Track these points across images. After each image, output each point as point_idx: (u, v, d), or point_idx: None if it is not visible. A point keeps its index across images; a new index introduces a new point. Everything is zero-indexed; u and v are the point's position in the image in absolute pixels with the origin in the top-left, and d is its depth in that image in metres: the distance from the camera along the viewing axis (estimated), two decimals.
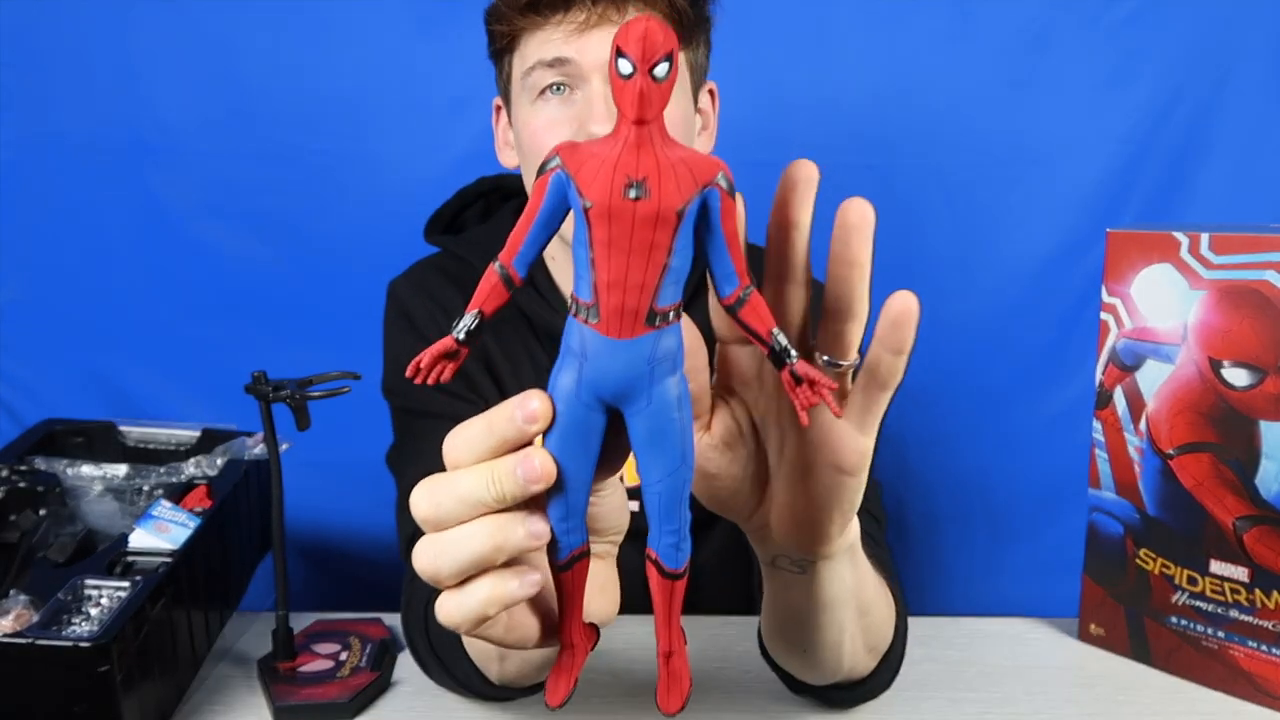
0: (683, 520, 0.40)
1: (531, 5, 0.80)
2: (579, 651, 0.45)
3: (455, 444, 0.39)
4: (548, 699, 0.44)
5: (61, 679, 0.63)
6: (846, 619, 0.59)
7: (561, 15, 0.79)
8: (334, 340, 1.26)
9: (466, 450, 0.39)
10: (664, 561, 0.41)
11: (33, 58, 1.27)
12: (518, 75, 0.84)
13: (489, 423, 0.38)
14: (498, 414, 0.38)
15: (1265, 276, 0.73)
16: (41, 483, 0.84)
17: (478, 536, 0.38)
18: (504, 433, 0.38)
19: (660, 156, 0.35)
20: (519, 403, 0.37)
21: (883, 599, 0.66)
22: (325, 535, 1.32)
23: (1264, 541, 0.75)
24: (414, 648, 0.76)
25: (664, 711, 0.43)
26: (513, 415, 0.37)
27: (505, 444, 0.38)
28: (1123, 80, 1.28)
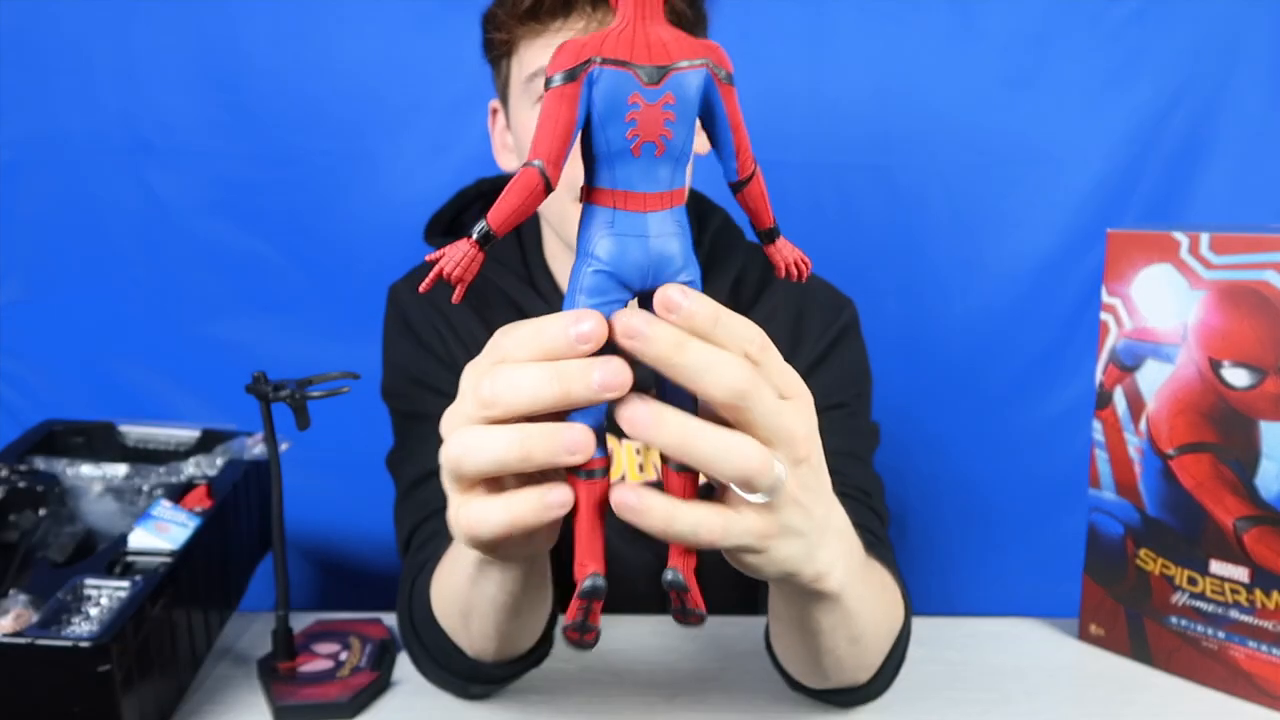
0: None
1: (531, 13, 0.79)
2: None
3: (509, 339, 0.40)
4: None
5: (61, 679, 0.63)
6: (839, 641, 0.60)
7: (561, 22, 0.79)
8: (334, 340, 1.26)
9: (515, 348, 0.40)
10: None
11: (33, 58, 1.27)
12: (518, 80, 0.84)
13: (538, 329, 0.39)
14: (549, 325, 0.39)
15: (1265, 277, 0.73)
16: (41, 483, 0.84)
17: (541, 381, 0.39)
18: (552, 345, 0.39)
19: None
20: (574, 320, 0.38)
21: (883, 615, 0.66)
22: (325, 535, 1.32)
23: (1264, 542, 0.75)
24: (404, 637, 0.77)
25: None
26: (565, 331, 0.38)
27: (551, 354, 0.39)
28: (1123, 80, 1.28)
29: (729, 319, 0.40)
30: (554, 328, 0.39)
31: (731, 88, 0.39)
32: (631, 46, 0.38)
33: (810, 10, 1.27)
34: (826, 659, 0.62)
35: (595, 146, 0.39)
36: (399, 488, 0.89)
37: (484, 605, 0.62)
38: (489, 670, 0.72)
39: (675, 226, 0.40)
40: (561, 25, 0.79)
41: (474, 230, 0.39)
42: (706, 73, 0.38)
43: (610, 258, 0.39)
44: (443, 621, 0.69)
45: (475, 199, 1.02)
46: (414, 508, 0.84)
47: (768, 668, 0.75)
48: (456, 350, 0.91)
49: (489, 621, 0.64)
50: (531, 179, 0.38)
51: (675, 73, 0.38)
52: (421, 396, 0.90)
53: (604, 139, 0.38)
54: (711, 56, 0.39)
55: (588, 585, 0.41)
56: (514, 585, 0.58)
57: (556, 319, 0.39)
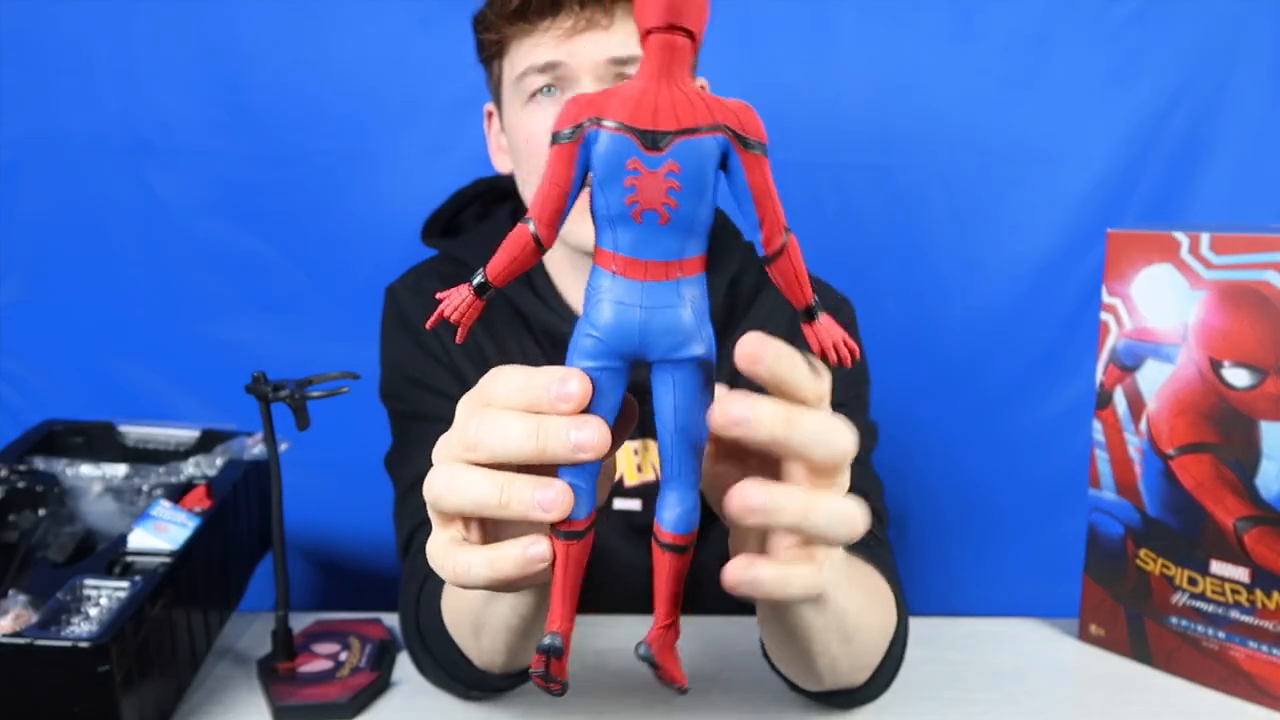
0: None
1: (519, 13, 0.80)
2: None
3: (496, 385, 0.41)
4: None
5: (61, 679, 0.63)
6: (830, 642, 0.59)
7: (550, 21, 0.80)
8: (334, 340, 1.26)
9: (503, 396, 0.41)
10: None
11: (33, 58, 1.27)
12: (509, 80, 0.84)
13: (526, 381, 0.40)
14: (535, 379, 0.39)
15: (1265, 277, 0.73)
16: (41, 483, 0.84)
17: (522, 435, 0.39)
18: (536, 399, 0.39)
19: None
20: (560, 379, 0.38)
21: (875, 614, 0.66)
22: (325, 535, 1.32)
23: (1264, 542, 0.75)
24: (407, 640, 0.77)
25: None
26: (548, 388, 0.39)
27: (534, 406, 0.39)
28: (1123, 80, 1.28)
29: (801, 370, 0.39)
30: (540, 382, 0.39)
31: (759, 157, 0.36)
32: (637, 108, 0.35)
33: (810, 10, 1.27)
34: (820, 660, 0.62)
35: (595, 207, 0.37)
36: (398, 488, 0.89)
37: (497, 624, 0.62)
38: (495, 680, 0.72)
39: (678, 298, 0.37)
40: (550, 24, 0.80)
41: (473, 278, 0.39)
42: (724, 139, 0.36)
43: (602, 324, 0.38)
44: (453, 632, 0.69)
45: (472, 199, 1.02)
46: (414, 509, 0.84)
47: (768, 668, 0.75)
48: (455, 351, 0.91)
49: (500, 639, 0.64)
50: (523, 237, 0.38)
51: (681, 139, 0.35)
52: (420, 397, 0.90)
53: (603, 201, 0.37)
54: (734, 122, 0.36)
55: (544, 643, 0.41)
56: (526, 609, 0.58)
57: (545, 374, 0.39)
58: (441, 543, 0.44)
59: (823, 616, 0.55)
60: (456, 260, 0.96)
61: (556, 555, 0.41)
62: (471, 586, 0.43)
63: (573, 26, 0.79)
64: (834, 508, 0.40)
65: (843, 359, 0.39)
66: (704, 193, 0.36)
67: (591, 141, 0.36)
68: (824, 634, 0.58)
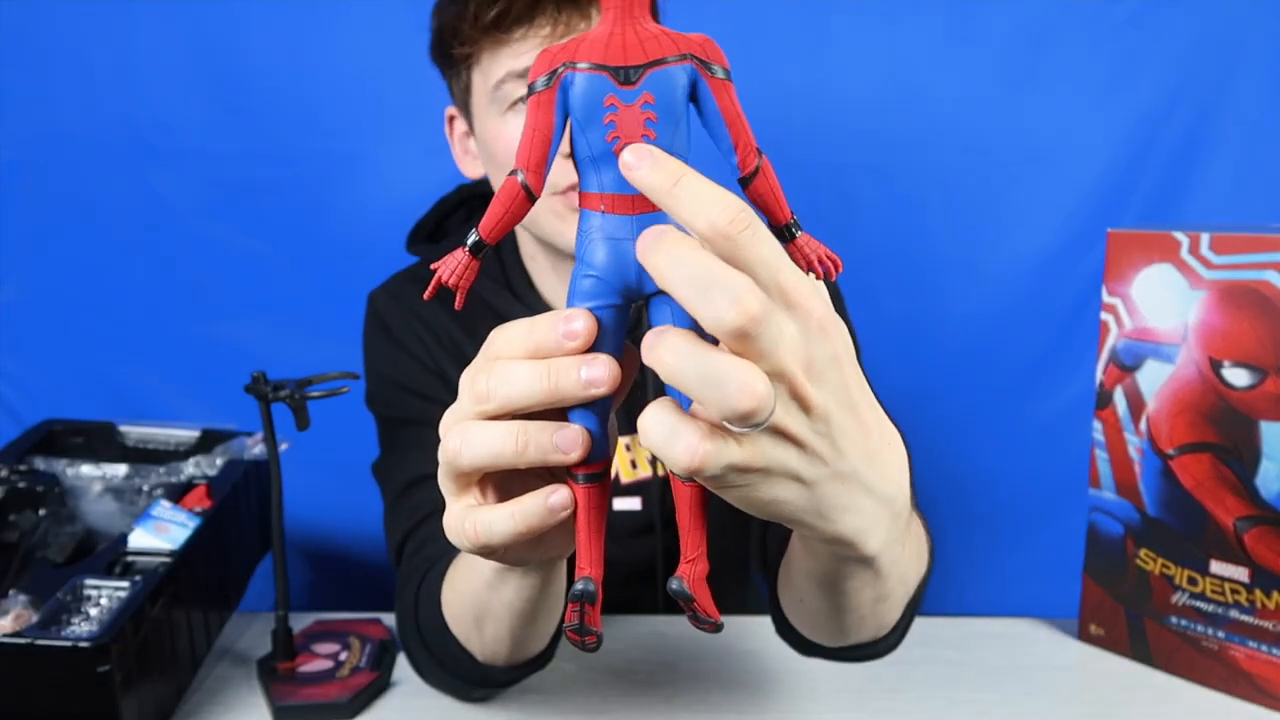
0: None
1: (496, 24, 0.78)
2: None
3: (501, 339, 0.41)
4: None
5: (61, 679, 0.63)
6: (864, 601, 0.57)
7: (525, 29, 0.78)
8: (334, 340, 1.26)
9: (509, 346, 0.40)
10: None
11: (33, 58, 1.27)
12: (483, 88, 0.83)
13: (530, 327, 0.39)
14: (539, 323, 0.39)
15: (1265, 276, 0.73)
16: (41, 483, 0.84)
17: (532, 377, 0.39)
18: (542, 341, 0.39)
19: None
20: (564, 319, 0.38)
21: (913, 568, 0.63)
22: (325, 535, 1.32)
23: (1264, 542, 0.75)
24: (405, 642, 0.76)
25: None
26: (554, 328, 0.38)
27: (541, 351, 0.39)
28: (1123, 80, 1.28)
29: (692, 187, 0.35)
30: (544, 325, 0.39)
31: (725, 82, 0.38)
32: (606, 48, 0.37)
33: (810, 10, 1.27)
34: (849, 618, 0.60)
35: (577, 151, 0.38)
36: (387, 495, 0.88)
37: (501, 611, 0.62)
38: (498, 674, 0.72)
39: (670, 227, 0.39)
40: (526, 33, 0.78)
41: (466, 239, 0.39)
42: (691, 68, 0.37)
43: (598, 263, 0.38)
44: (454, 627, 0.69)
45: (456, 206, 1.02)
46: (405, 513, 0.83)
47: (768, 668, 0.75)
48: (438, 354, 0.91)
49: (504, 626, 0.64)
50: (513, 188, 0.38)
51: (652, 71, 0.37)
52: (406, 401, 0.90)
53: (585, 143, 0.38)
54: (699, 51, 0.37)
55: (577, 589, 0.41)
56: (532, 591, 0.58)
57: (548, 318, 0.39)
58: (458, 512, 0.44)
59: (864, 577, 0.53)
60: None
61: (578, 501, 0.41)
62: (493, 547, 0.42)
63: (551, 33, 0.78)
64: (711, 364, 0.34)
65: (828, 272, 0.39)
66: (679, 121, 0.38)
67: (568, 85, 0.37)
68: (859, 594, 0.56)
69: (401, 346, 0.92)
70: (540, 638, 0.68)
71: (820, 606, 0.60)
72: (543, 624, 0.66)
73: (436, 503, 0.78)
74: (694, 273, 0.34)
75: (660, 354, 0.35)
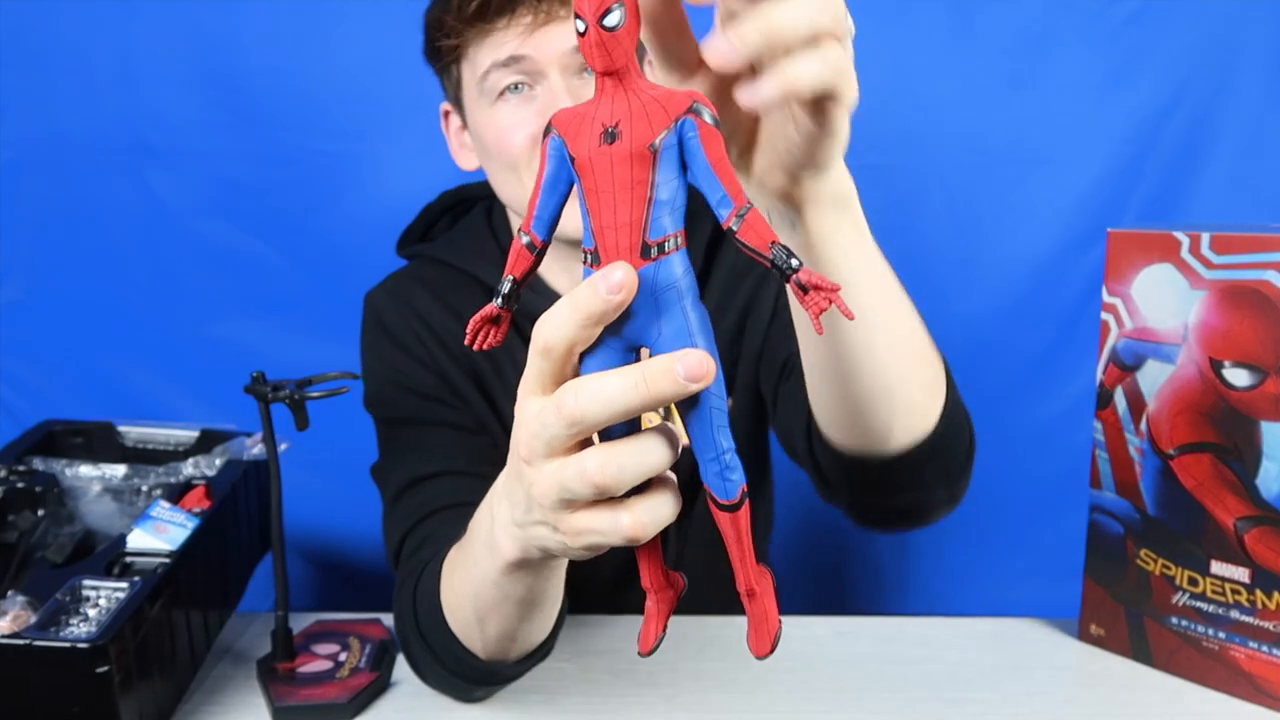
0: (721, 448, 0.40)
1: (479, 14, 0.80)
2: (664, 596, 0.45)
3: (546, 325, 0.40)
4: (640, 646, 0.45)
5: (60, 680, 0.63)
6: (876, 343, 0.58)
7: (508, 19, 0.80)
8: (334, 340, 1.26)
9: (555, 333, 0.40)
10: (714, 493, 0.40)
11: (33, 58, 1.27)
12: (471, 80, 0.84)
13: (573, 303, 0.39)
14: (579, 294, 0.39)
15: (1266, 276, 0.73)
16: (40, 483, 0.84)
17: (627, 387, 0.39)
18: (590, 311, 0.38)
19: (634, 100, 0.38)
20: (602, 275, 0.38)
21: (921, 326, 0.64)
22: (325, 535, 1.32)
23: (1264, 542, 0.75)
24: (405, 642, 0.76)
25: (755, 654, 0.43)
26: (596, 291, 0.38)
27: (591, 319, 0.38)
28: (1123, 80, 1.28)
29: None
30: (585, 295, 0.38)
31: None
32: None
33: None
34: (874, 381, 0.59)
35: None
36: (386, 496, 0.88)
37: (507, 606, 0.62)
38: (499, 670, 0.72)
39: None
40: (509, 22, 0.80)
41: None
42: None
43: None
44: (454, 625, 0.69)
45: (440, 214, 1.03)
46: (403, 514, 0.83)
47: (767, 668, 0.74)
48: (437, 353, 0.91)
49: (509, 621, 0.64)
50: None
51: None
52: (405, 401, 0.90)
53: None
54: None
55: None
56: (542, 583, 0.58)
57: (585, 285, 0.39)
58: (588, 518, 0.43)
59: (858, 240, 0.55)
60: (436, 261, 0.96)
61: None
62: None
63: (533, 21, 0.79)
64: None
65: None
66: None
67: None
68: (861, 278, 0.56)
69: (401, 346, 0.92)
70: (543, 628, 0.68)
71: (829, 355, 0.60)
72: (548, 612, 0.66)
73: (435, 502, 0.78)
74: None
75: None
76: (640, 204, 0.37)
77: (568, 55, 0.81)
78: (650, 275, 0.38)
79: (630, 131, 0.37)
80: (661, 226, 0.38)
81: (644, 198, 0.37)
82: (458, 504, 0.77)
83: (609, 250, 0.38)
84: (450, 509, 0.78)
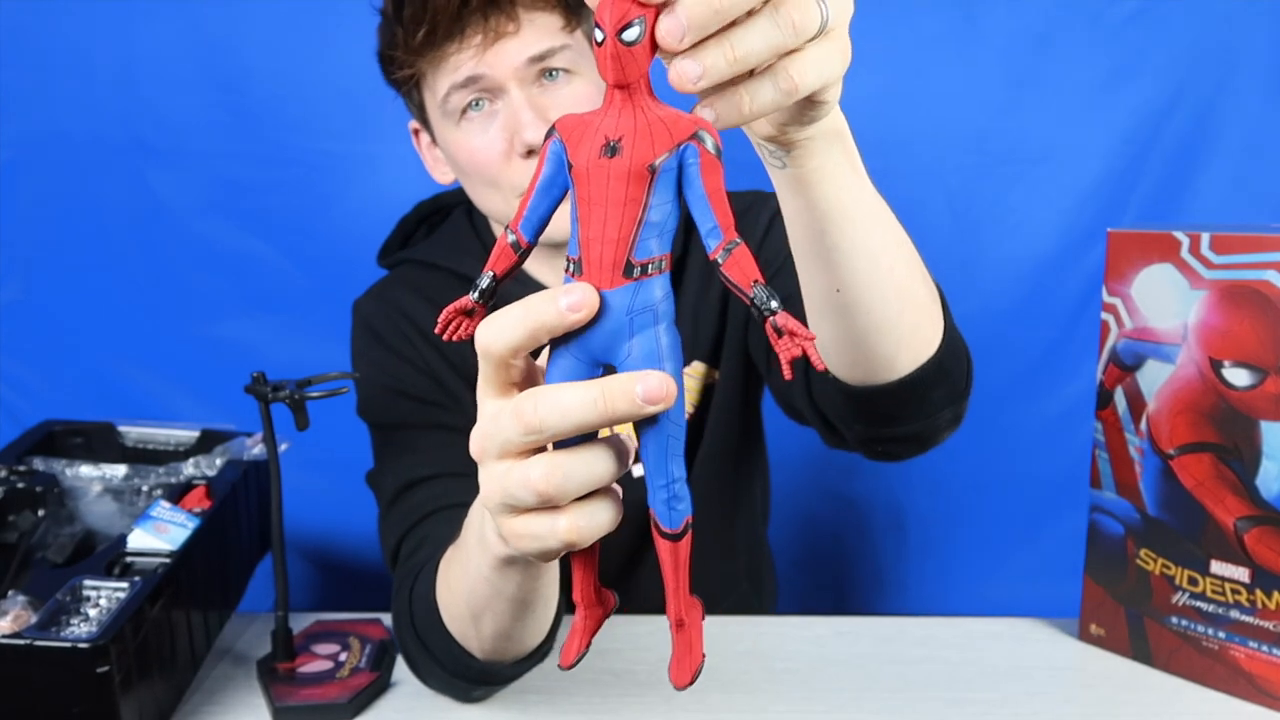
0: (672, 476, 0.39)
1: (428, 43, 0.80)
2: (593, 613, 0.44)
3: (492, 327, 0.40)
4: (561, 659, 0.44)
5: (60, 680, 0.63)
6: (875, 239, 0.57)
7: (459, 43, 0.80)
8: (334, 340, 1.26)
9: (499, 337, 0.39)
10: (659, 519, 0.40)
11: (33, 58, 1.27)
12: (433, 104, 0.85)
13: (525, 308, 0.38)
14: (533, 301, 0.38)
15: (1266, 276, 0.73)
16: (40, 483, 0.84)
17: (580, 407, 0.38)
18: (542, 319, 0.38)
19: (640, 117, 0.37)
20: (563, 291, 0.37)
21: (915, 252, 0.64)
22: (325, 535, 1.32)
23: (1264, 542, 0.75)
24: (404, 645, 0.76)
25: (674, 684, 0.42)
26: (553, 302, 0.37)
27: (542, 329, 0.38)
28: (1123, 80, 1.28)
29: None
30: (540, 303, 0.38)
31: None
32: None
33: None
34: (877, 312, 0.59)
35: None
36: (382, 501, 0.88)
37: (500, 604, 0.62)
38: (497, 670, 0.72)
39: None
40: (460, 44, 0.80)
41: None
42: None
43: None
44: (451, 626, 0.69)
45: (417, 224, 1.04)
46: (399, 517, 0.83)
47: (767, 668, 0.75)
48: (429, 355, 0.91)
49: (504, 620, 0.64)
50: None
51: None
52: (398, 405, 0.90)
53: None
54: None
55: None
56: (533, 581, 0.58)
57: (541, 295, 0.38)
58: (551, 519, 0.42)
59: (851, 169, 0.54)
60: (422, 264, 0.96)
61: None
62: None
63: (483, 41, 0.80)
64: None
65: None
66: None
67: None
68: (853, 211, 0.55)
69: (392, 350, 0.92)
70: (537, 629, 0.68)
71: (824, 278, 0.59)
72: (541, 613, 0.66)
73: (431, 504, 0.78)
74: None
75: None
76: (630, 222, 0.37)
77: (523, 68, 0.81)
78: (629, 294, 0.38)
79: (632, 148, 0.37)
80: (648, 248, 0.37)
81: (635, 217, 0.37)
82: (453, 505, 0.77)
83: (592, 263, 0.38)
84: (446, 510, 0.78)
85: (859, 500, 1.40)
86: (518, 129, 0.81)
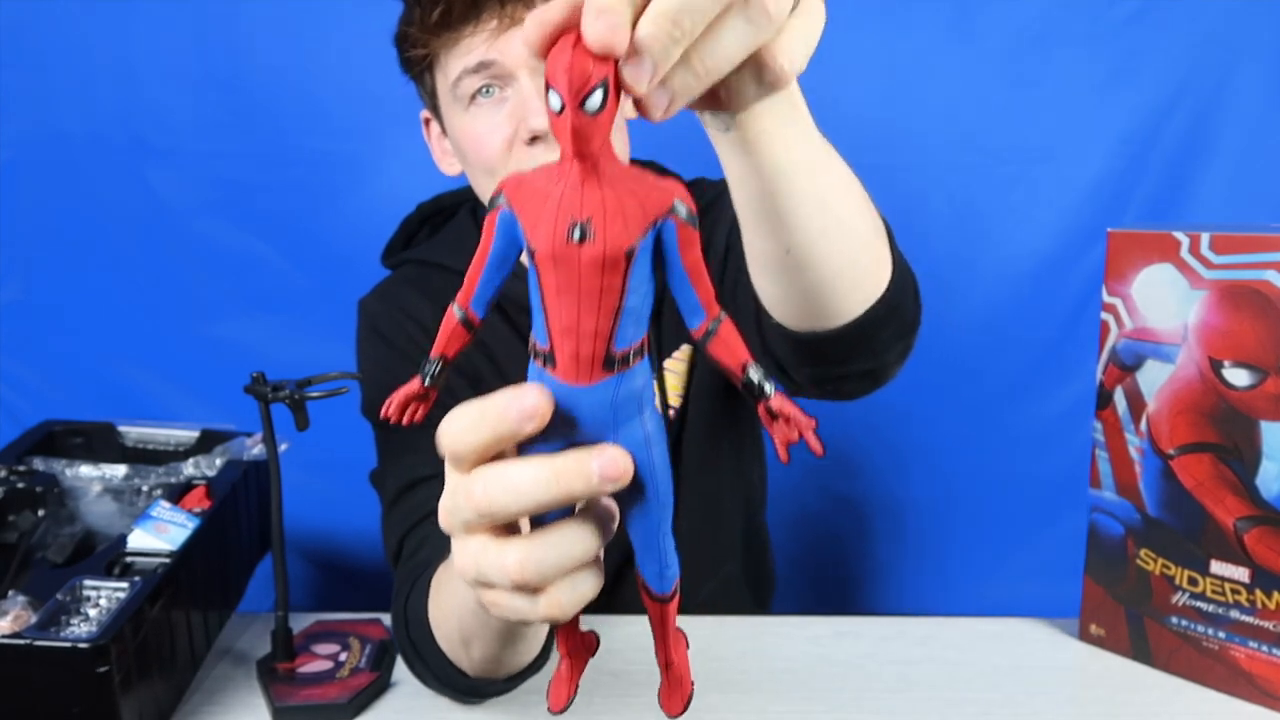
0: (662, 549, 0.38)
1: (443, 23, 0.81)
2: (578, 660, 0.44)
3: (449, 430, 0.37)
4: (551, 705, 0.44)
5: (60, 680, 0.63)
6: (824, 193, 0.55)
7: (474, 25, 0.80)
8: (334, 340, 1.26)
9: (460, 440, 0.36)
10: (649, 585, 0.40)
11: (33, 58, 1.27)
12: (444, 88, 0.85)
13: (481, 412, 0.36)
14: (490, 405, 0.35)
15: (1266, 276, 0.73)
16: (40, 483, 0.84)
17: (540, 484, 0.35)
18: (496, 428, 0.35)
19: (606, 192, 0.32)
20: (514, 395, 0.35)
21: (863, 193, 0.61)
22: (325, 535, 1.32)
23: (1264, 542, 0.75)
24: (401, 649, 0.77)
25: (667, 714, 0.43)
26: (506, 409, 0.35)
27: (498, 439, 0.35)
28: (1123, 80, 1.28)
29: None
30: (495, 411, 0.35)
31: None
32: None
33: None
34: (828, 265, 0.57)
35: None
36: (385, 500, 0.88)
37: (488, 635, 0.62)
38: (491, 687, 0.72)
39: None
40: (475, 28, 0.80)
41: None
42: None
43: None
44: (443, 645, 0.69)
45: (420, 225, 1.04)
46: (401, 516, 0.83)
47: (767, 668, 0.75)
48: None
49: (492, 647, 0.64)
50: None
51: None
52: None
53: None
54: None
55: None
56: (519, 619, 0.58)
57: (496, 400, 0.35)
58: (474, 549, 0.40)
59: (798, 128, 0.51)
60: (427, 264, 0.96)
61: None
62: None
63: (498, 26, 0.80)
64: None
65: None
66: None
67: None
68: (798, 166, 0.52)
69: (397, 349, 0.92)
70: (529, 652, 0.68)
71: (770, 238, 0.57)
72: (531, 640, 0.66)
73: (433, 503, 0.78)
74: None
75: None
76: (609, 314, 0.33)
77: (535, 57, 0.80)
78: (612, 389, 0.34)
79: (604, 232, 0.32)
80: (628, 336, 0.34)
81: (613, 307, 0.33)
82: None
83: (566, 359, 0.34)
84: None
85: (858, 500, 1.40)
86: (525, 117, 0.81)
